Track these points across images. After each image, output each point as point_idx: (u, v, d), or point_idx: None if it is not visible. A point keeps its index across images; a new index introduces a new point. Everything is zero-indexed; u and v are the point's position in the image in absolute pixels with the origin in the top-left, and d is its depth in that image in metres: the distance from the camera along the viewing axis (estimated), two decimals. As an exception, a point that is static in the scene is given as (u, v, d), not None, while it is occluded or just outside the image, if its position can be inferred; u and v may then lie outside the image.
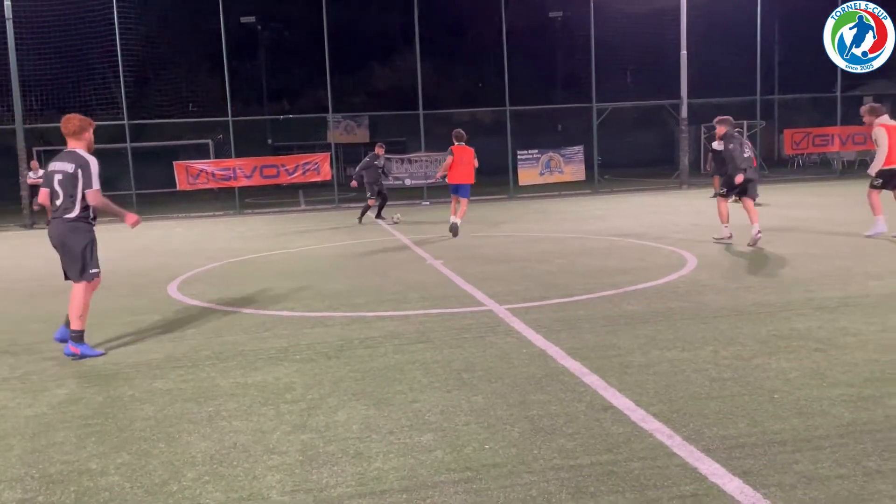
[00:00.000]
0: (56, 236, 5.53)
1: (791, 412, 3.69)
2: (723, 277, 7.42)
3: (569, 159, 22.80)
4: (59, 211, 5.49)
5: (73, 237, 5.48)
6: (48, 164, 5.68)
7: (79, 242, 5.49)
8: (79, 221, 5.49)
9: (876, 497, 2.79)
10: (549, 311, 6.30)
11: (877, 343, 4.82)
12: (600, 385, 4.26)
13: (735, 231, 10.13)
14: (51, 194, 5.51)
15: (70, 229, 5.47)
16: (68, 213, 5.45)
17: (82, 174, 5.40)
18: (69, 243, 5.49)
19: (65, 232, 5.48)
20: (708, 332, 5.35)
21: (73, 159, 5.45)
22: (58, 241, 5.53)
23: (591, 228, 12.78)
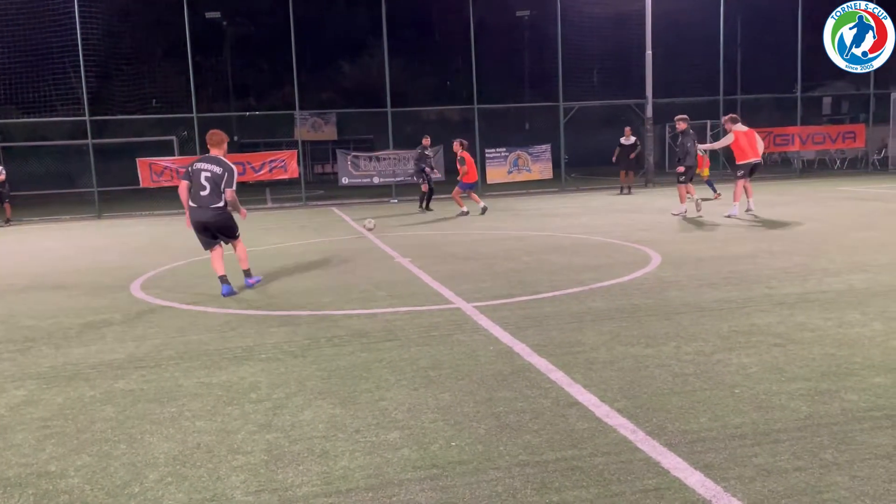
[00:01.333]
0: (207, 219, 7.42)
1: (751, 406, 3.77)
2: (686, 274, 7.54)
3: (536, 158, 22.94)
4: (204, 200, 7.34)
5: (225, 220, 7.55)
6: (192, 163, 7.49)
7: (230, 220, 7.63)
8: (224, 209, 7.46)
9: (832, 489, 2.86)
10: (516, 308, 6.33)
11: (833, 338, 4.95)
12: (566, 381, 4.30)
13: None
14: (194, 187, 7.31)
15: (219, 215, 7.44)
16: (215, 203, 7.37)
17: (227, 176, 7.35)
18: (225, 224, 7.57)
19: (215, 217, 7.44)
20: (671, 328, 5.43)
21: (219, 164, 7.38)
22: (212, 223, 7.45)
23: (559, 226, 12.88)
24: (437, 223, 14.44)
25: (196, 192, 7.32)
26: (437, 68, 38.25)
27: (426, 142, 17.49)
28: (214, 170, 7.33)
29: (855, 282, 6.75)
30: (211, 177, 7.32)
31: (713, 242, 9.83)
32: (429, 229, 13.36)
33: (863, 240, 9.43)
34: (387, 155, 21.96)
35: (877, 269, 7.30)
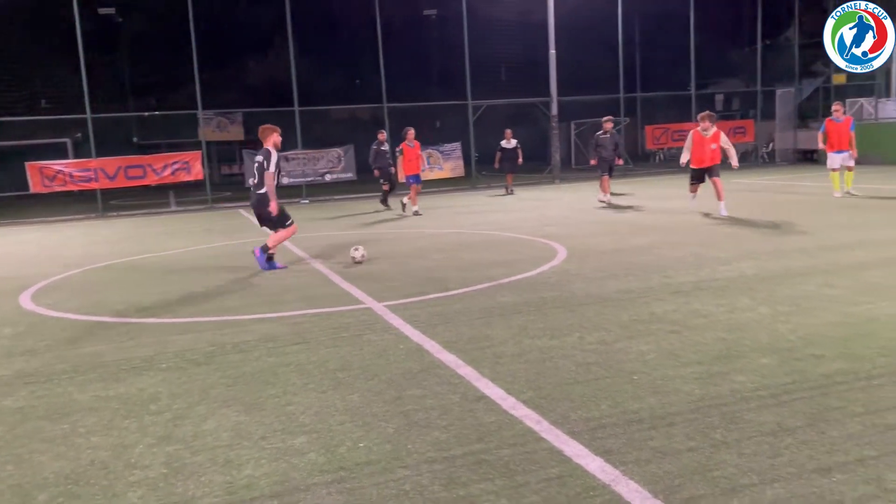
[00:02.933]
0: (253, 204, 8.73)
1: (648, 391, 3.93)
2: (590, 267, 7.77)
3: (447, 156, 23.10)
4: (255, 186, 8.56)
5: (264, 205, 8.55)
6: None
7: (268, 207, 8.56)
8: (265, 195, 8.50)
9: (721, 466, 3.02)
10: (426, 306, 6.36)
11: (725, 323, 5.22)
12: (474, 376, 4.36)
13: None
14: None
15: (260, 201, 8.57)
16: (259, 189, 8.52)
17: (265, 161, 8.39)
18: (262, 208, 8.58)
19: (258, 203, 8.59)
20: (575, 319, 5.59)
21: (261, 153, 8.50)
22: (255, 208, 8.69)
23: (469, 223, 13.02)
24: (343, 222, 14.31)
25: (250, 180, 8.85)
26: (346, 67, 37.86)
27: (382, 136, 16.95)
28: (258, 159, 8.49)
29: (744, 269, 7.15)
30: (256, 167, 8.51)
31: (615, 235, 10.18)
32: (339, 229, 13.23)
33: (750, 228, 9.99)
34: (296, 155, 21.59)
35: (764, 257, 7.75)
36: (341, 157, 21.74)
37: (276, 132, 8.64)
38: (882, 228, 9.31)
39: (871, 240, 8.44)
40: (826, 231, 9.38)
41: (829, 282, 6.31)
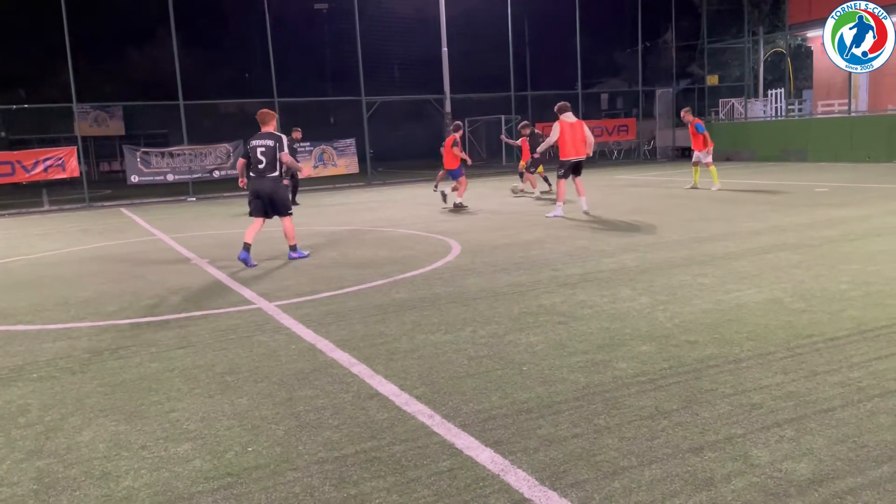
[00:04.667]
0: (264, 188, 8.40)
1: (536, 382, 4.05)
2: (482, 262, 7.91)
3: (342, 152, 22.85)
4: (261, 171, 8.31)
5: (280, 189, 8.62)
6: (249, 142, 8.44)
7: (284, 192, 8.80)
8: (280, 179, 8.54)
9: (604, 451, 3.15)
10: (319, 304, 6.27)
11: (608, 313, 5.45)
12: (367, 374, 4.34)
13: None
14: (252, 162, 8.31)
15: (276, 184, 8.48)
16: (271, 173, 8.34)
17: (279, 145, 8.28)
18: (279, 192, 8.57)
19: (273, 186, 8.45)
20: (468, 313, 5.67)
21: (271, 137, 8.31)
22: (268, 192, 8.42)
23: (365, 220, 12.95)
24: (234, 221, 13.88)
25: (255, 165, 8.29)
26: (236, 60, 36.68)
27: (297, 135, 16.47)
28: (268, 143, 8.27)
29: (627, 261, 7.49)
30: (265, 151, 8.25)
31: (507, 230, 10.41)
32: (229, 228, 12.81)
33: (633, 222, 10.48)
34: (181, 150, 20.71)
35: (645, 249, 8.15)
36: (230, 153, 21.04)
37: (276, 117, 8.71)
38: (748, 220, 10.00)
39: (738, 231, 9.05)
40: (699, 223, 9.97)
41: (703, 271, 6.72)
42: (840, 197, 12.34)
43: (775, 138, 23.41)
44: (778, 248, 7.66)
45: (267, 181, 8.37)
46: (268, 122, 8.46)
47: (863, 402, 3.47)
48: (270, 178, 8.37)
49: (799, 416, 3.35)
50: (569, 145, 11.52)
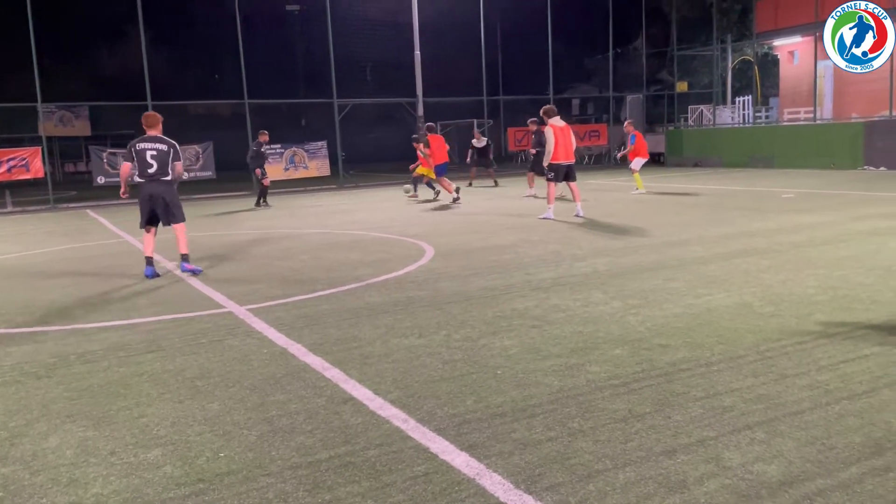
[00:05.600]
0: (157, 192, 7.98)
1: (511, 385, 4.05)
2: (456, 265, 7.91)
3: (313, 154, 22.70)
4: (154, 176, 7.94)
5: (173, 194, 8.15)
6: (134, 144, 8.02)
7: (176, 197, 8.25)
8: (173, 184, 8.13)
9: (578, 454, 3.16)
10: (292, 308, 6.21)
11: (581, 317, 5.48)
12: (341, 378, 4.31)
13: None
14: (140, 165, 7.92)
15: (170, 188, 8.08)
16: (164, 176, 7.99)
17: (174, 152, 8.04)
18: (172, 198, 8.11)
19: (167, 189, 8.04)
20: (442, 317, 5.66)
21: (163, 142, 8.01)
22: (162, 195, 7.99)
23: (337, 223, 12.87)
24: (205, 223, 13.71)
25: (143, 169, 7.92)
26: (206, 60, 36.27)
27: (264, 138, 16.46)
28: (160, 147, 7.98)
29: (599, 265, 7.54)
30: (157, 155, 7.96)
31: (480, 234, 10.43)
32: (198, 230, 12.64)
33: (604, 227, 10.57)
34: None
35: (616, 253, 8.22)
36: (199, 155, 20.79)
37: (162, 120, 8.32)
38: (717, 226, 10.15)
39: (708, 236, 9.18)
40: (669, 228, 10.09)
41: (673, 276, 6.80)
42: (806, 203, 12.58)
43: (743, 145, 23.81)
44: (746, 253, 7.79)
45: (160, 184, 8.00)
46: (154, 126, 8.14)
47: (831, 405, 3.54)
48: (164, 182, 8.01)
49: (769, 419, 3.40)
50: (560, 149, 11.54)
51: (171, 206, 8.10)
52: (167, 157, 7.98)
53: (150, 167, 7.92)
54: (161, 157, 7.96)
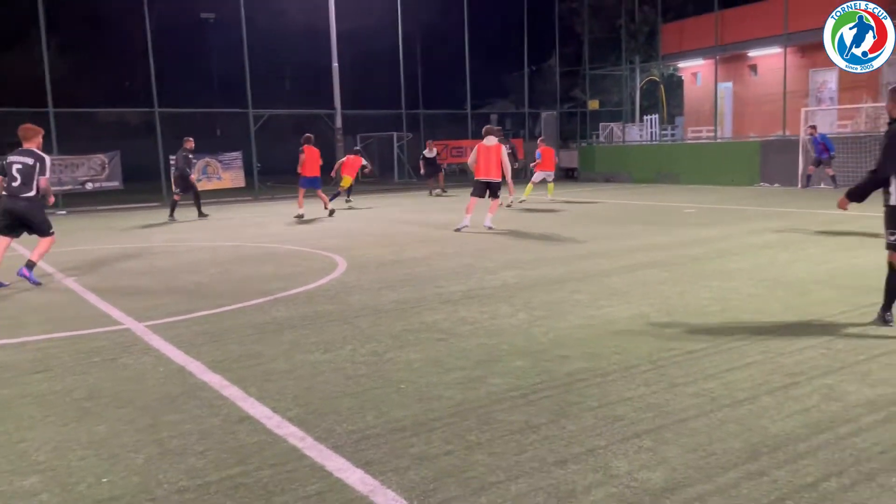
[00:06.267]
0: (18, 208, 7.74)
1: (413, 399, 4.06)
2: (368, 279, 7.87)
3: (227, 165, 22.16)
4: (16, 190, 7.67)
5: (36, 209, 7.90)
6: (7, 157, 7.85)
7: (41, 212, 8.04)
8: (36, 200, 7.83)
9: (474, 467, 3.19)
10: (194, 324, 6.02)
11: (487, 329, 5.55)
12: (239, 396, 4.20)
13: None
14: (8, 178, 7.67)
15: (31, 204, 7.80)
16: (25, 193, 7.70)
17: (39, 166, 7.74)
18: (36, 214, 7.89)
19: (27, 207, 7.78)
20: (350, 331, 5.62)
21: (31, 155, 7.76)
22: (22, 212, 7.76)
23: (250, 235, 12.59)
24: (107, 235, 13.15)
25: (9, 183, 7.69)
26: (116, 67, 34.89)
27: (189, 144, 15.81)
28: (26, 161, 7.71)
29: (508, 278, 7.67)
30: (22, 168, 7.67)
31: (394, 247, 10.42)
32: (100, 243, 12.11)
33: (516, 240, 10.77)
34: (51, 161, 19.41)
35: (527, 266, 8.38)
36: (105, 165, 19.96)
37: (41, 134, 8.09)
38: (622, 239, 10.50)
39: (613, 249, 9.48)
40: (579, 241, 10.37)
41: (578, 288, 6.98)
42: (706, 217, 13.20)
43: (650, 161, 24.78)
44: (648, 266, 8.09)
45: (20, 201, 7.72)
46: (30, 139, 7.87)
47: (714, 412, 3.71)
48: (24, 199, 7.72)
49: (657, 427, 3.53)
50: (481, 166, 12.29)
51: (33, 226, 7.91)
52: (32, 172, 7.68)
53: (15, 181, 7.67)
54: (26, 171, 7.67)
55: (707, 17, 24.89)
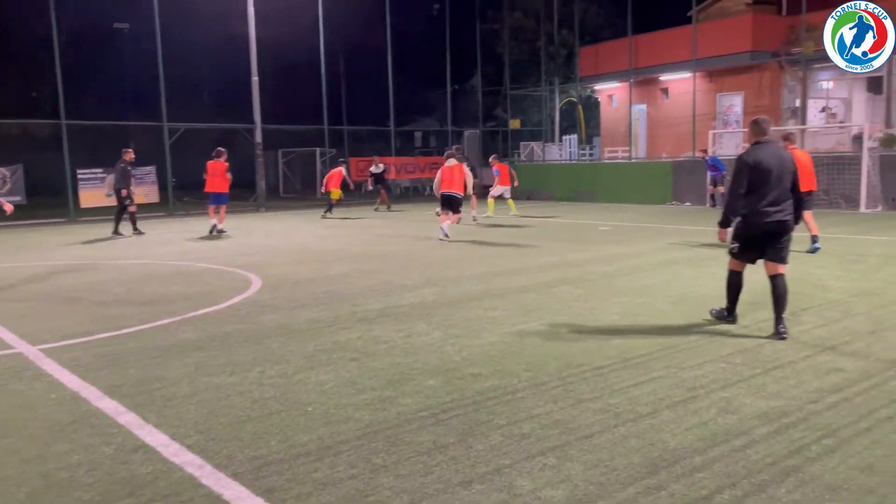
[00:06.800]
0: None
1: (320, 422, 3.96)
2: (282, 297, 7.70)
3: (140, 180, 21.27)
4: None
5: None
6: None
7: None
8: None
9: (378, 490, 3.13)
10: (93, 347, 5.73)
11: (402, 348, 5.51)
12: (136, 423, 4.00)
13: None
14: None
15: None
16: None
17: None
18: None
19: None
20: (259, 352, 5.46)
21: None
22: None
23: (161, 253, 12.14)
24: (15, 251, 12.42)
25: None
26: (21, 77, 33.17)
27: (129, 156, 15.19)
28: None
29: (427, 295, 7.65)
30: None
31: (313, 265, 10.25)
32: (2, 262, 11.43)
33: (436, 257, 10.78)
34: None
35: (445, 283, 8.39)
36: (6, 179, 18.90)
37: None
38: (540, 256, 10.67)
39: (531, 266, 9.62)
40: (498, 258, 10.48)
41: (494, 305, 7.03)
42: (619, 235, 13.59)
43: (570, 180, 25.39)
44: (562, 282, 8.23)
45: None
46: None
47: (617, 427, 3.77)
48: None
49: (562, 444, 3.57)
50: (445, 182, 13.52)
51: None
52: None
53: None
54: None
55: (621, 41, 25.81)
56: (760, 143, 5.66)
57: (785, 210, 5.52)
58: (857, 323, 5.96)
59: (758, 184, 5.50)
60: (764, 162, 5.51)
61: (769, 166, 5.49)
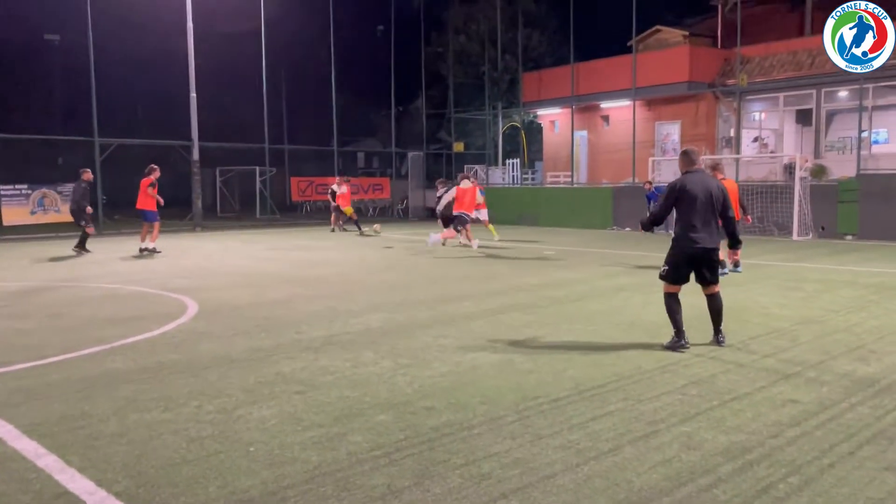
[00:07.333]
0: None
1: (263, 465, 3.67)
2: (220, 324, 7.32)
3: (67, 197, 20.34)
4: None
5: None
6: None
7: None
8: None
9: (329, 540, 2.87)
10: (10, 379, 5.27)
11: (349, 379, 5.24)
12: (57, 467, 3.63)
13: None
14: None
15: None
16: None
17: None
18: None
19: None
20: (196, 385, 5.11)
21: None
22: None
23: (89, 275, 11.50)
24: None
25: None
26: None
27: (87, 176, 14.71)
28: None
29: (373, 321, 7.40)
30: None
31: (254, 288, 9.86)
32: None
33: (383, 281, 10.54)
34: None
35: (392, 309, 8.15)
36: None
37: None
38: (487, 281, 10.56)
39: (479, 292, 9.47)
40: (445, 283, 10.31)
41: (444, 332, 6.84)
42: (565, 260, 13.61)
43: (512, 203, 25.52)
44: (512, 309, 8.11)
45: None
46: None
47: (580, 466, 3.61)
48: None
49: (524, 485, 3.38)
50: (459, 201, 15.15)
51: None
52: None
53: None
54: None
55: (564, 68, 26.26)
56: (690, 172, 6.08)
57: (711, 236, 5.94)
58: (804, 352, 6.00)
59: (685, 210, 5.94)
60: (691, 190, 5.92)
61: (695, 193, 5.91)
